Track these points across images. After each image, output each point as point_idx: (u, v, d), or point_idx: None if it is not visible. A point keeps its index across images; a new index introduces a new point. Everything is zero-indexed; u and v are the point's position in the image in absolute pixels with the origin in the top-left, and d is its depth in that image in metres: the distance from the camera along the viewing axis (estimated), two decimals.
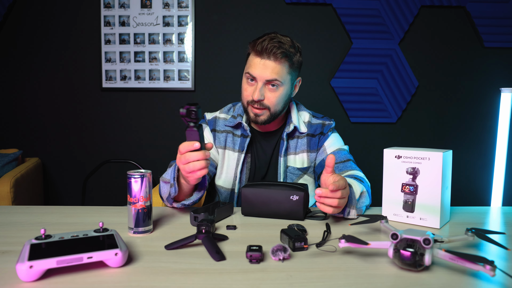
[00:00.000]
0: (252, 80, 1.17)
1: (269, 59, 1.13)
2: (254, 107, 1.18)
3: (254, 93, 1.16)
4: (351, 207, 0.99)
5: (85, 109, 2.69)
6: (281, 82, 1.16)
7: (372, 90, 2.66)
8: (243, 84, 1.21)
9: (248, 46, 1.21)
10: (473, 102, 2.70)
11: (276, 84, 1.16)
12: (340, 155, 1.24)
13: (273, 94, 1.17)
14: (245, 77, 1.20)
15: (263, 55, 1.14)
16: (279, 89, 1.17)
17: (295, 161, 1.27)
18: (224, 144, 1.28)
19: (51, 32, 2.64)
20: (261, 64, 1.14)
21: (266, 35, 1.17)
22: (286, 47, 1.14)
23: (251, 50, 1.18)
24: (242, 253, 0.76)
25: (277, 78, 1.15)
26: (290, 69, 1.18)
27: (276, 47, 1.13)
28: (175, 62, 2.64)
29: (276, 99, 1.18)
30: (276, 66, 1.14)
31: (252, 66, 1.16)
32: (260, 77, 1.15)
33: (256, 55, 1.15)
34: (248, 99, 1.19)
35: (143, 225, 0.87)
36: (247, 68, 1.18)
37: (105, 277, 0.65)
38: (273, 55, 1.13)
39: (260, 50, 1.14)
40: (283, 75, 1.16)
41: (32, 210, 1.08)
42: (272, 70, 1.14)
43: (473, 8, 2.60)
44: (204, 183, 1.05)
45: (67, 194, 2.75)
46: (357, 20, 2.61)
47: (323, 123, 1.30)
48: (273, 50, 1.12)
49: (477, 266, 0.62)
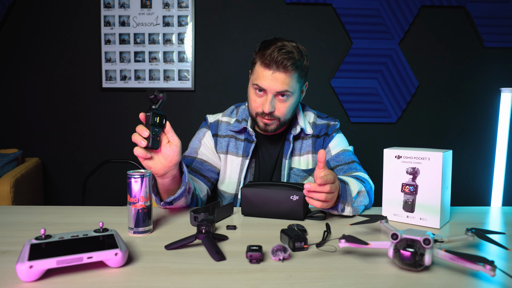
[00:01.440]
0: (260, 91, 1.15)
1: (279, 71, 1.10)
2: (264, 118, 1.16)
3: (264, 105, 1.13)
4: (345, 203, 0.98)
5: (85, 109, 2.69)
6: (291, 93, 1.14)
7: (372, 90, 2.66)
8: (250, 95, 1.18)
9: (254, 55, 1.17)
10: (473, 102, 2.70)
11: (286, 94, 1.14)
12: (345, 156, 1.24)
13: (284, 105, 1.15)
14: (253, 88, 1.16)
15: (272, 67, 1.10)
16: (289, 99, 1.15)
17: (299, 162, 1.26)
18: (226, 149, 1.26)
19: (51, 32, 2.64)
20: (271, 77, 1.11)
21: (273, 45, 1.11)
22: (295, 57, 1.11)
23: (259, 61, 1.14)
24: (242, 253, 0.76)
25: (288, 89, 1.12)
26: (299, 77, 1.16)
27: (286, 59, 1.09)
28: (175, 62, 2.64)
29: (286, 109, 1.16)
30: (287, 78, 1.11)
31: (261, 77, 1.12)
32: (270, 89, 1.12)
33: (264, 67, 1.11)
34: (257, 111, 1.17)
35: (143, 225, 0.87)
36: (255, 79, 1.14)
37: (105, 277, 0.65)
38: (283, 67, 1.10)
39: (269, 62, 1.10)
40: (293, 85, 1.14)
41: (32, 210, 1.08)
42: (282, 82, 1.11)
43: (473, 8, 2.60)
44: (184, 179, 1.00)
45: (67, 194, 2.75)
46: (357, 20, 2.61)
47: (328, 124, 1.29)
48: (284, 62, 1.09)
49: (477, 266, 0.62)
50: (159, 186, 1.01)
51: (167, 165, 0.94)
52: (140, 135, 0.90)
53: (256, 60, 1.16)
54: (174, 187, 1.02)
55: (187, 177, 1.00)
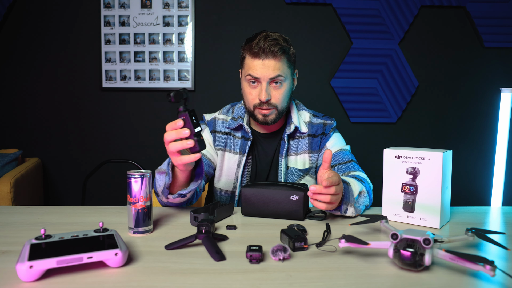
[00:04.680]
0: (254, 82, 1.17)
1: (268, 58, 1.13)
2: (262, 108, 1.17)
3: (260, 94, 1.15)
4: (348, 204, 0.99)
5: (85, 109, 2.69)
6: (284, 78, 1.17)
7: (372, 90, 2.66)
8: (245, 89, 1.20)
9: (241, 51, 1.20)
10: (473, 102, 2.70)
11: (279, 80, 1.16)
12: (342, 156, 1.24)
13: (279, 92, 1.17)
14: (246, 81, 1.18)
15: (261, 55, 1.13)
16: (283, 85, 1.17)
17: (296, 162, 1.26)
18: (224, 146, 1.27)
19: (51, 32, 2.64)
20: (262, 64, 1.14)
21: (258, 35, 1.16)
22: (281, 43, 1.15)
23: (247, 53, 1.17)
24: (242, 253, 0.76)
25: (280, 73, 1.15)
26: (288, 63, 1.18)
27: (273, 45, 1.13)
28: (175, 62, 2.64)
29: (282, 96, 1.18)
30: (277, 63, 1.14)
31: (252, 68, 1.15)
32: (263, 76, 1.14)
33: (254, 57, 1.15)
34: (254, 103, 1.18)
35: (143, 225, 0.87)
36: (247, 71, 1.17)
37: (105, 277, 0.65)
38: (271, 53, 1.13)
39: (257, 51, 1.13)
40: (284, 70, 1.16)
41: (32, 210, 1.08)
42: (274, 67, 1.14)
43: (473, 8, 2.60)
44: (200, 173, 1.00)
45: (67, 194, 2.75)
46: (357, 20, 2.61)
47: (324, 123, 1.29)
48: (271, 48, 1.12)
49: (477, 266, 0.62)
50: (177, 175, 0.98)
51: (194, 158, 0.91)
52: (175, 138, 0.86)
53: (244, 54, 1.19)
54: (187, 180, 1.00)
55: (203, 170, 0.99)
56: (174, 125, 0.87)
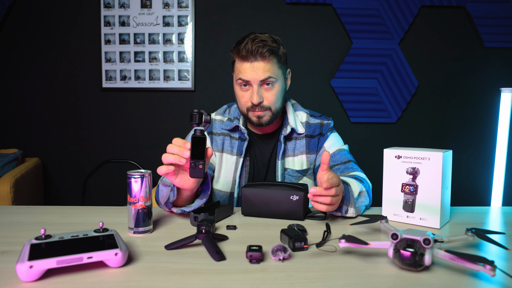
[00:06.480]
0: (245, 86, 1.17)
1: (257, 60, 1.13)
2: (256, 111, 1.17)
3: (252, 97, 1.15)
4: (348, 205, 0.99)
5: (85, 109, 2.69)
6: (275, 79, 1.16)
7: (372, 90, 2.66)
8: (237, 92, 1.21)
9: (231, 55, 1.20)
10: (473, 102, 2.70)
11: (270, 82, 1.15)
12: (341, 156, 1.24)
13: (271, 93, 1.17)
14: (238, 84, 1.19)
15: (250, 58, 1.13)
16: (274, 87, 1.17)
17: (293, 163, 1.26)
18: (222, 147, 1.27)
19: (51, 32, 2.64)
20: (251, 67, 1.13)
21: (246, 38, 1.15)
22: (269, 44, 1.14)
23: (236, 57, 1.17)
24: (242, 253, 0.76)
25: (271, 75, 1.14)
26: (279, 63, 1.17)
27: (261, 46, 1.12)
28: (175, 62, 2.64)
29: (274, 97, 1.17)
30: (266, 65, 1.13)
31: (242, 71, 1.15)
32: (253, 79, 1.14)
33: (243, 60, 1.14)
34: (247, 105, 1.18)
35: (143, 225, 0.87)
36: (237, 74, 1.17)
37: (105, 277, 0.65)
38: (260, 55, 1.12)
39: (246, 54, 1.13)
40: (274, 71, 1.16)
41: (32, 210, 1.08)
42: (263, 69, 1.13)
43: (473, 8, 2.60)
44: (206, 190, 1.00)
45: (67, 194, 2.75)
46: (357, 20, 2.61)
47: (322, 123, 1.29)
48: (259, 50, 1.12)
49: (477, 266, 0.62)
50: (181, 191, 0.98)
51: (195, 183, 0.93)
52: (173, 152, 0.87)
53: (234, 58, 1.19)
54: (193, 196, 1.00)
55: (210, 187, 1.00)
56: (181, 142, 0.87)
